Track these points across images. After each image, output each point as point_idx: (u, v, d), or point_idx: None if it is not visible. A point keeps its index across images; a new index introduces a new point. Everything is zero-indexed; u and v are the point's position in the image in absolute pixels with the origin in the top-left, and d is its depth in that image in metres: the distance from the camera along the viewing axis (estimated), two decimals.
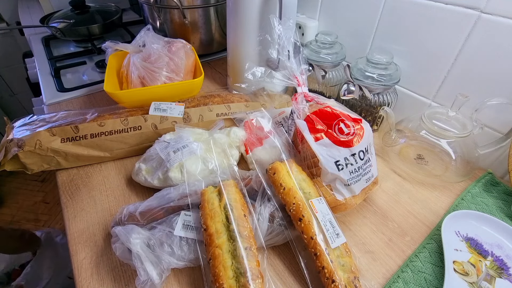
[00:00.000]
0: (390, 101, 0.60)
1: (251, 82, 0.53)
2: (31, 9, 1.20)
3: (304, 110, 0.47)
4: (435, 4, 0.52)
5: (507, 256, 0.42)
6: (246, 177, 0.46)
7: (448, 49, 0.54)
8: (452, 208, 0.49)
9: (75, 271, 0.40)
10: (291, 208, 0.40)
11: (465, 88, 0.54)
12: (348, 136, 0.43)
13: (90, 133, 0.52)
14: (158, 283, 0.36)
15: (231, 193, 0.41)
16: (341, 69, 0.69)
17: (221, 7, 0.83)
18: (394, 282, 0.39)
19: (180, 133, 0.52)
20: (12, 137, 0.49)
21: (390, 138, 0.56)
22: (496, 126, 0.53)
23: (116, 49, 0.69)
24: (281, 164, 0.44)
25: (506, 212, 0.49)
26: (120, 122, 0.54)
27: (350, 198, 0.44)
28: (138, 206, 0.43)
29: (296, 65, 0.49)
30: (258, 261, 0.36)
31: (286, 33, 0.49)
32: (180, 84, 0.64)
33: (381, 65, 0.57)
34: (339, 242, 0.38)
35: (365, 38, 0.67)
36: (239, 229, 0.37)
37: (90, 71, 0.86)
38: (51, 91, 0.77)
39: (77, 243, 0.43)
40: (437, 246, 0.44)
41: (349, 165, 0.42)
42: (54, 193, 1.64)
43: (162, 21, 0.83)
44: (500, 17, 0.46)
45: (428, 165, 0.54)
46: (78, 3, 0.98)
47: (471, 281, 0.39)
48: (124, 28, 1.11)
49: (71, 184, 0.52)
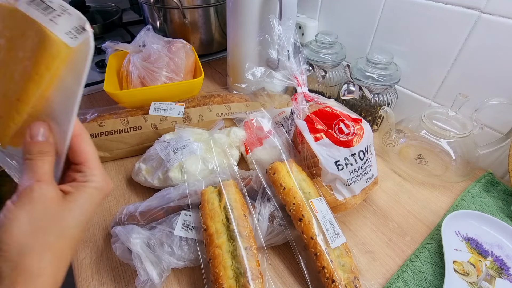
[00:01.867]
0: (390, 101, 0.60)
1: (251, 82, 0.52)
2: None
3: (304, 110, 0.47)
4: (435, 4, 0.52)
5: (507, 256, 0.42)
6: (246, 177, 0.46)
7: (448, 49, 0.54)
8: (452, 208, 0.49)
9: (75, 271, 0.40)
10: (291, 208, 0.40)
11: (465, 88, 0.54)
12: (348, 136, 0.43)
13: (90, 133, 0.52)
14: (158, 283, 0.36)
15: (231, 193, 0.41)
16: (341, 69, 0.69)
17: (221, 7, 0.83)
18: (394, 282, 0.39)
19: (180, 133, 0.52)
20: None
21: (390, 138, 0.56)
22: (496, 126, 0.53)
23: (116, 49, 0.69)
24: (281, 164, 0.44)
25: (506, 212, 0.49)
26: (120, 122, 0.54)
27: (350, 198, 0.44)
28: (138, 206, 0.43)
29: (296, 65, 0.49)
30: (258, 261, 0.36)
31: (286, 33, 0.49)
32: (180, 84, 0.64)
33: (381, 65, 0.57)
34: (339, 242, 0.38)
35: (365, 38, 0.67)
36: (239, 229, 0.37)
37: (90, 71, 0.85)
38: None
39: None
40: (437, 246, 0.44)
41: (349, 165, 0.42)
42: None
43: (162, 21, 0.83)
44: (500, 17, 0.46)
45: (428, 165, 0.54)
46: (78, 3, 0.98)
47: (471, 281, 0.39)
48: (124, 28, 1.11)
49: None
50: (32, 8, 0.22)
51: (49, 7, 0.22)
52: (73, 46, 0.23)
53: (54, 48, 0.22)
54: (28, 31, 0.22)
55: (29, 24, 0.22)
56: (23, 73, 0.23)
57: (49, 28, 0.22)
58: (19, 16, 0.22)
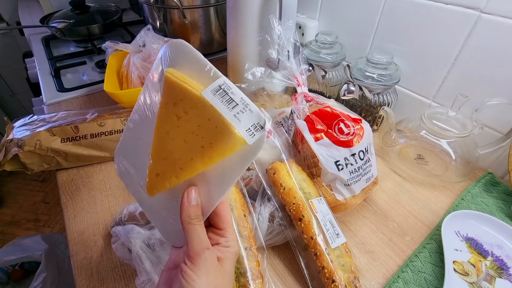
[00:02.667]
0: (390, 101, 0.60)
1: (251, 82, 0.52)
2: (31, 9, 1.20)
3: (304, 110, 0.47)
4: (435, 4, 0.52)
5: (507, 256, 0.42)
6: (246, 177, 0.46)
7: (448, 49, 0.54)
8: (452, 208, 0.49)
9: (75, 271, 0.40)
10: (291, 208, 0.40)
11: (465, 88, 0.54)
12: (348, 136, 0.43)
13: (90, 133, 0.52)
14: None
15: (231, 193, 0.41)
16: (341, 69, 0.69)
17: (221, 7, 0.83)
18: (394, 282, 0.39)
19: None
20: (12, 137, 0.49)
21: (390, 138, 0.56)
22: (496, 126, 0.53)
23: (116, 49, 0.69)
24: (281, 164, 0.44)
25: (506, 212, 0.49)
26: (120, 122, 0.54)
27: (350, 198, 0.44)
28: (138, 206, 0.43)
29: (296, 65, 0.49)
30: (258, 261, 0.36)
31: (285, 34, 0.49)
32: None
33: (381, 65, 0.57)
34: (339, 242, 0.38)
35: (365, 38, 0.67)
36: (239, 229, 0.37)
37: (90, 71, 0.86)
38: (51, 91, 0.77)
39: (77, 243, 0.43)
40: (437, 246, 0.44)
41: (349, 165, 0.42)
42: (54, 193, 1.64)
43: (162, 21, 0.83)
44: (500, 17, 0.46)
45: (428, 165, 0.54)
46: (78, 3, 0.98)
47: (471, 281, 0.39)
48: (124, 28, 1.11)
49: (71, 184, 0.52)
50: (217, 99, 0.24)
51: (232, 100, 0.24)
52: (250, 143, 0.24)
53: (233, 142, 0.24)
54: (210, 116, 0.24)
55: (212, 112, 0.24)
56: (193, 149, 0.25)
57: (234, 124, 0.24)
58: (204, 103, 0.24)
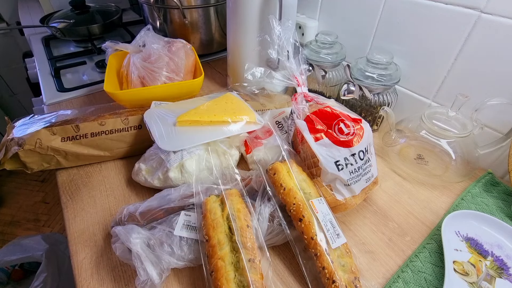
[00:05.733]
0: (390, 101, 0.60)
1: (251, 82, 0.53)
2: (31, 9, 1.20)
3: (304, 110, 0.47)
4: (435, 4, 0.52)
5: (507, 256, 0.42)
6: (246, 177, 0.46)
7: (448, 49, 0.54)
8: (452, 208, 0.49)
9: (75, 271, 0.40)
10: (291, 208, 0.40)
11: (465, 88, 0.54)
12: (348, 136, 0.43)
13: (90, 132, 0.52)
14: (158, 283, 0.36)
15: (234, 202, 0.40)
16: (341, 69, 0.69)
17: (221, 7, 0.83)
18: (394, 282, 0.39)
19: None
20: (13, 136, 0.49)
21: (390, 138, 0.56)
22: (496, 126, 0.53)
23: (116, 49, 0.69)
24: (281, 164, 0.44)
25: (506, 212, 0.49)
26: (121, 121, 0.54)
27: (350, 198, 0.44)
28: (138, 206, 0.43)
29: (295, 65, 0.49)
30: (261, 274, 0.35)
31: (285, 34, 0.49)
32: (180, 84, 0.64)
33: (381, 65, 0.57)
34: (339, 243, 0.38)
35: (365, 38, 0.67)
36: (242, 240, 0.36)
37: (90, 71, 0.86)
38: (51, 91, 0.77)
39: (77, 243, 0.43)
40: (437, 246, 0.44)
41: (349, 165, 0.42)
42: (54, 193, 1.64)
43: (162, 21, 0.83)
44: (500, 17, 0.46)
45: (428, 165, 0.54)
46: (78, 3, 0.98)
47: (471, 281, 0.39)
48: (124, 28, 1.11)
49: (71, 184, 0.52)
50: None
51: None
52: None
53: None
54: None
55: None
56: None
57: None
58: None
